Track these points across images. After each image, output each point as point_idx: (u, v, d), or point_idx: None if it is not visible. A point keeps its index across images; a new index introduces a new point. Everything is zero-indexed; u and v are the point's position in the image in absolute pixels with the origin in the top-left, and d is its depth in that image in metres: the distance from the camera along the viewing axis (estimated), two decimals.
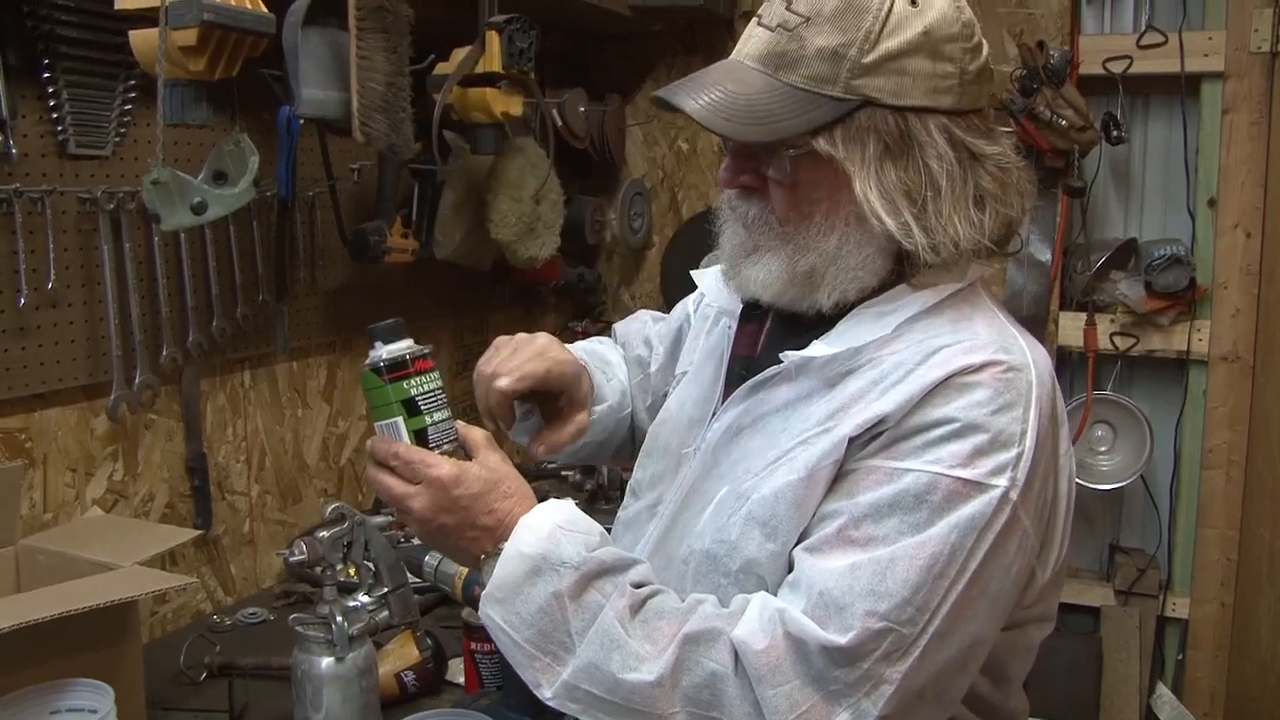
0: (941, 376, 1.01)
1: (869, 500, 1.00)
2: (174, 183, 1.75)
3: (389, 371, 1.12)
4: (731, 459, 1.16)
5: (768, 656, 0.97)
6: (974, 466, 0.99)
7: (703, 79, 1.09)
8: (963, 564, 0.97)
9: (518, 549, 1.07)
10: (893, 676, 0.96)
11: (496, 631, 1.07)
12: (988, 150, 1.07)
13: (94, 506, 1.87)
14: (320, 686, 1.56)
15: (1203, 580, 2.88)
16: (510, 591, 1.06)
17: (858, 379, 1.07)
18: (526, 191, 2.38)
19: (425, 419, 1.13)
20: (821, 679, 0.96)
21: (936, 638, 0.97)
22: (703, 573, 1.12)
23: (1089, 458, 2.92)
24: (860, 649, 0.96)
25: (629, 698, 1.01)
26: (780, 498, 1.06)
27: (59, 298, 1.77)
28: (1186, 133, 2.78)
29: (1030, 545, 1.04)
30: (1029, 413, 1.01)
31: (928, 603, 0.97)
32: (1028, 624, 1.14)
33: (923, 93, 1.04)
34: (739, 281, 1.16)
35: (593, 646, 1.03)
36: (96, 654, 1.41)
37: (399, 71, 1.96)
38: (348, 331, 2.41)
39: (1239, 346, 2.77)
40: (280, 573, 2.25)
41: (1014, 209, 1.10)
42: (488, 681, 1.72)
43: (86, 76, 1.76)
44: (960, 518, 0.98)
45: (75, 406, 1.84)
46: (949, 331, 1.07)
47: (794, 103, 1.04)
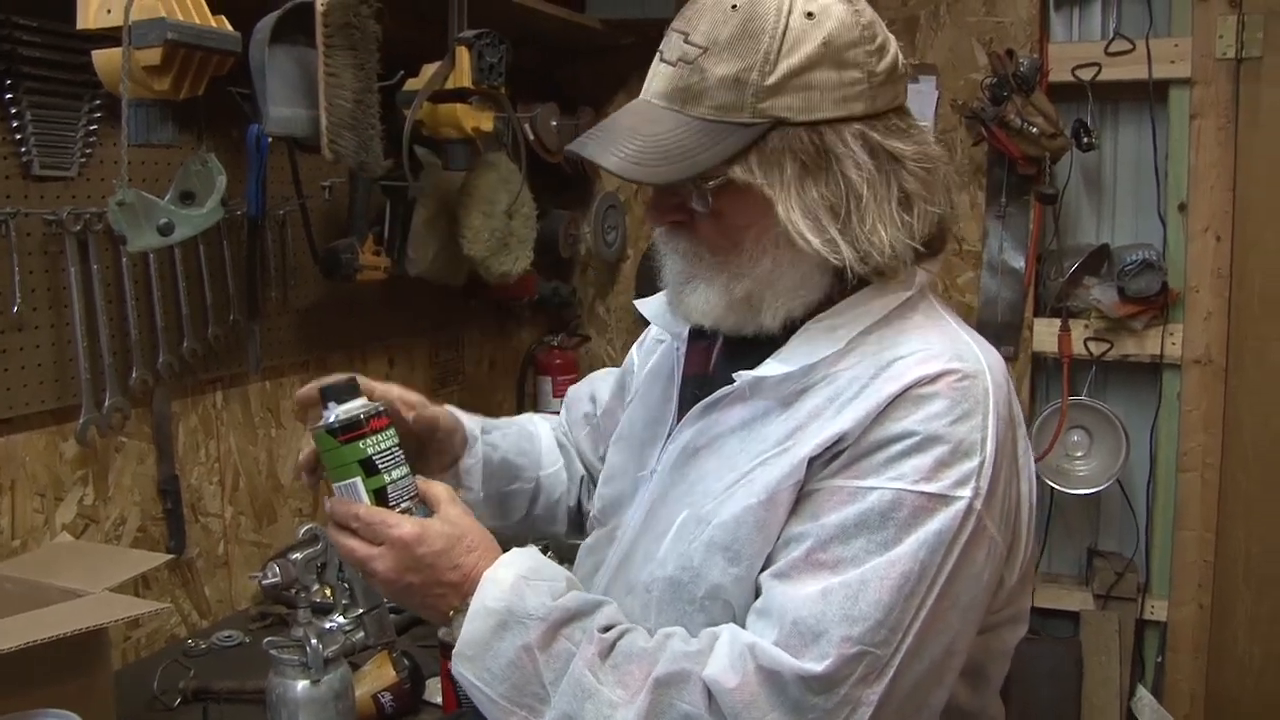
0: (898, 390, 1.01)
1: (835, 521, 1.00)
2: (140, 204, 1.73)
3: (344, 432, 1.11)
4: (688, 481, 1.15)
5: (741, 694, 0.96)
6: (937, 480, 0.98)
7: (613, 127, 1.09)
8: (933, 579, 0.97)
9: (483, 604, 1.06)
10: (870, 698, 0.96)
11: (471, 689, 1.07)
12: (908, 150, 1.07)
13: (64, 532, 1.84)
14: (296, 710, 1.54)
15: (1180, 583, 2.89)
16: (480, 649, 1.05)
17: (814, 396, 1.07)
18: (499, 207, 2.37)
19: (384, 477, 1.12)
20: (799, 708, 0.95)
21: (910, 655, 0.97)
22: (667, 600, 1.11)
23: (1065, 463, 2.92)
24: (837, 675, 0.95)
25: None
26: (741, 522, 1.05)
27: (25, 320, 1.75)
28: (1156, 138, 2.80)
29: (998, 552, 1.03)
30: (987, 419, 1.01)
31: (900, 622, 0.96)
32: (1000, 627, 1.14)
33: (832, 103, 1.03)
34: (683, 310, 1.16)
35: (565, 697, 1.01)
36: (67, 683, 1.39)
37: (368, 88, 1.95)
38: (321, 350, 2.40)
39: (1211, 350, 2.78)
40: (255, 595, 2.23)
41: (941, 205, 1.10)
42: (465, 702, 1.71)
43: (50, 97, 1.74)
44: (927, 533, 0.97)
45: (44, 430, 1.81)
46: (901, 342, 1.07)
47: (705, 135, 1.03)
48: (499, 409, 3.09)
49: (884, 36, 1.09)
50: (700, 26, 1.05)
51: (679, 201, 1.11)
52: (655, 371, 1.33)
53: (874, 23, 1.09)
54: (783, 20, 1.03)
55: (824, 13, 1.04)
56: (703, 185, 1.06)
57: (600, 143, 1.08)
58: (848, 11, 1.07)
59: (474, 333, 2.97)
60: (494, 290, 2.73)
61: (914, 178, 1.07)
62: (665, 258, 1.17)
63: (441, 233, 2.40)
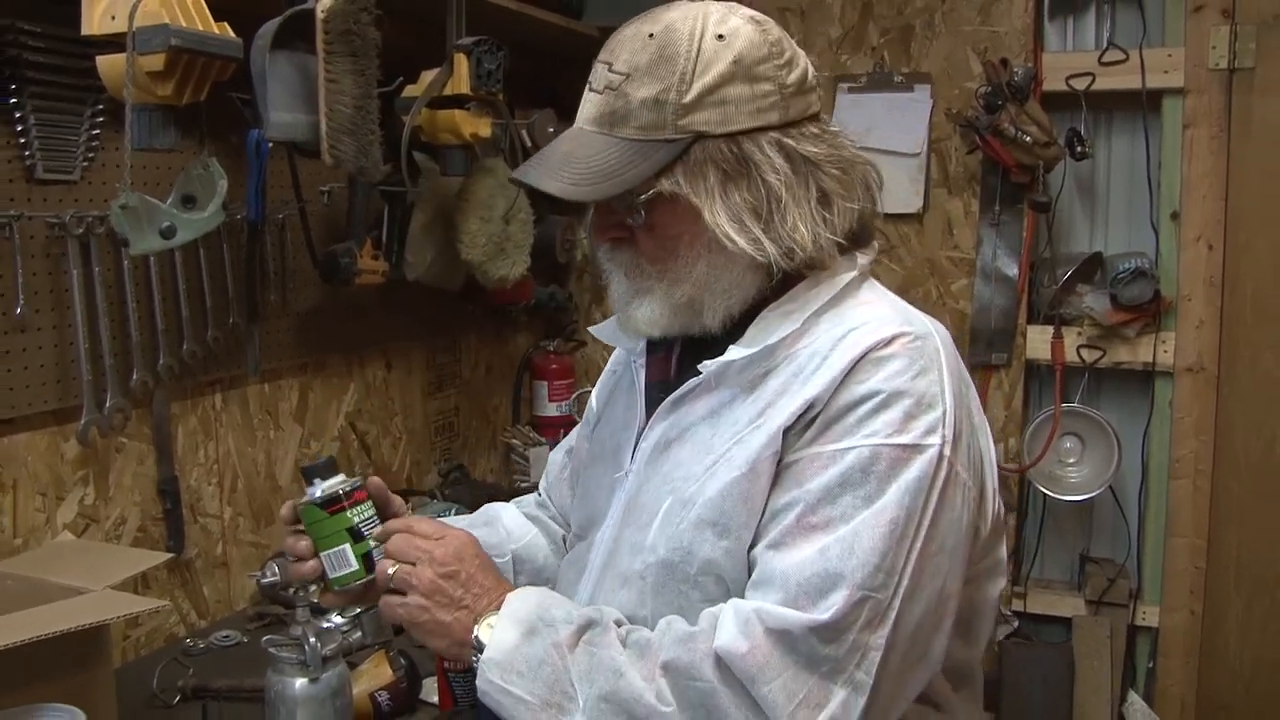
0: (857, 355, 1.09)
1: (819, 485, 1.06)
2: (142, 207, 1.75)
3: (330, 505, 1.21)
4: (664, 472, 1.20)
5: (754, 657, 1.01)
6: (908, 431, 1.06)
7: (550, 154, 1.18)
8: (919, 523, 1.04)
9: (512, 613, 1.13)
10: (877, 642, 1.01)
11: (498, 694, 1.10)
12: (823, 153, 1.14)
13: (65, 531, 1.86)
14: (294, 708, 1.55)
15: (1172, 589, 2.90)
16: (510, 653, 1.10)
17: (777, 376, 1.14)
18: (496, 212, 2.39)
19: (369, 543, 1.22)
20: (812, 660, 1.01)
21: (908, 598, 1.03)
22: (662, 583, 1.15)
23: (1058, 469, 2.94)
24: (843, 622, 1.01)
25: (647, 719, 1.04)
26: (726, 495, 1.11)
27: (28, 322, 1.77)
28: (1149, 148, 2.82)
29: (971, 495, 1.10)
30: (943, 374, 1.10)
31: (895, 565, 1.03)
32: (981, 579, 1.20)
33: (747, 115, 1.12)
34: (631, 325, 1.23)
35: (600, 681, 1.06)
36: (68, 679, 1.41)
37: (367, 94, 1.97)
38: (319, 353, 2.42)
39: (1203, 357, 2.80)
40: (254, 595, 2.25)
41: (860, 200, 1.17)
42: (461, 700, 1.72)
43: (54, 102, 1.77)
44: (907, 481, 1.04)
45: (45, 431, 1.83)
46: (852, 317, 1.14)
47: (633, 154, 1.12)
48: (495, 413, 3.11)
49: (792, 52, 1.17)
50: (622, 55, 1.14)
51: (617, 219, 1.18)
52: (616, 389, 1.41)
53: (781, 40, 1.16)
54: (695, 44, 1.11)
55: (733, 34, 1.13)
56: (635, 199, 1.13)
57: (540, 170, 1.16)
58: (756, 31, 1.15)
59: (471, 337, 2.98)
60: (491, 295, 2.75)
61: (830, 178, 1.15)
62: (610, 277, 1.25)
63: (439, 238, 2.42)
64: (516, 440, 3.05)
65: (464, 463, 2.91)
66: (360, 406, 2.56)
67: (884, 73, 2.96)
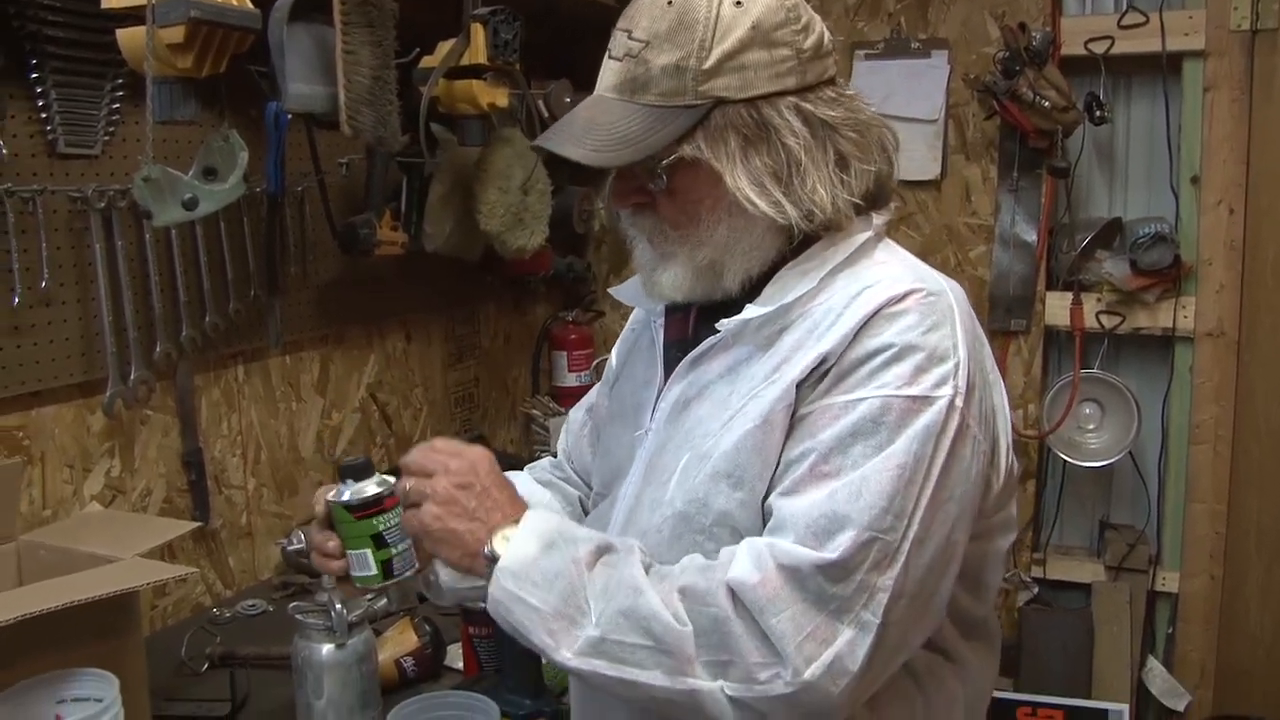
0: (871, 310, 1.10)
1: (831, 435, 1.07)
2: (165, 179, 1.76)
3: (359, 509, 1.21)
4: (684, 429, 1.21)
5: (764, 588, 1.03)
6: (919, 383, 1.07)
7: (572, 121, 1.19)
8: (927, 470, 1.05)
9: (533, 527, 1.13)
10: (885, 584, 1.02)
11: (510, 602, 1.10)
12: (840, 116, 1.16)
13: (92, 502, 1.88)
14: (321, 673, 1.58)
15: (1192, 554, 2.90)
16: (526, 564, 1.10)
17: (792, 333, 1.16)
18: (514, 182, 2.39)
19: (391, 550, 1.22)
20: (820, 598, 1.02)
21: (916, 543, 1.04)
22: (677, 535, 1.17)
23: (1077, 435, 2.94)
24: (850, 561, 1.02)
25: (662, 638, 1.05)
26: (740, 448, 1.13)
27: (52, 296, 1.78)
28: (1169, 111, 2.80)
29: (982, 450, 1.11)
30: (955, 329, 1.11)
31: (904, 509, 1.04)
32: (993, 532, 1.21)
33: (766, 80, 1.13)
34: (656, 291, 1.24)
35: (620, 597, 1.07)
36: (100, 645, 1.43)
37: (385, 65, 1.97)
38: (339, 324, 2.43)
39: (1224, 322, 2.79)
40: (278, 565, 2.27)
41: (877, 163, 1.19)
42: (486, 665, 1.75)
43: (75, 76, 1.78)
44: (916, 429, 1.05)
45: (71, 404, 1.85)
46: (867, 275, 1.16)
47: (654, 120, 1.13)
48: (515, 383, 3.12)
49: (809, 17, 1.18)
50: (641, 23, 1.15)
51: (638, 185, 1.19)
52: (637, 349, 1.41)
53: (797, 5, 1.17)
54: (713, 10, 1.13)
55: (752, 0, 1.14)
56: (657, 165, 1.14)
57: (562, 137, 1.17)
58: None
59: (490, 308, 2.99)
60: (509, 265, 2.75)
61: (847, 141, 1.16)
62: (635, 244, 1.26)
63: (457, 208, 2.43)
64: (536, 410, 3.06)
65: (484, 433, 2.93)
66: (381, 378, 2.58)
67: (901, 39, 2.95)
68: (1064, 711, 2.77)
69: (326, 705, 1.59)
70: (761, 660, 1.02)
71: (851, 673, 1.02)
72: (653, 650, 1.05)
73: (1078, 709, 2.77)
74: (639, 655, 1.06)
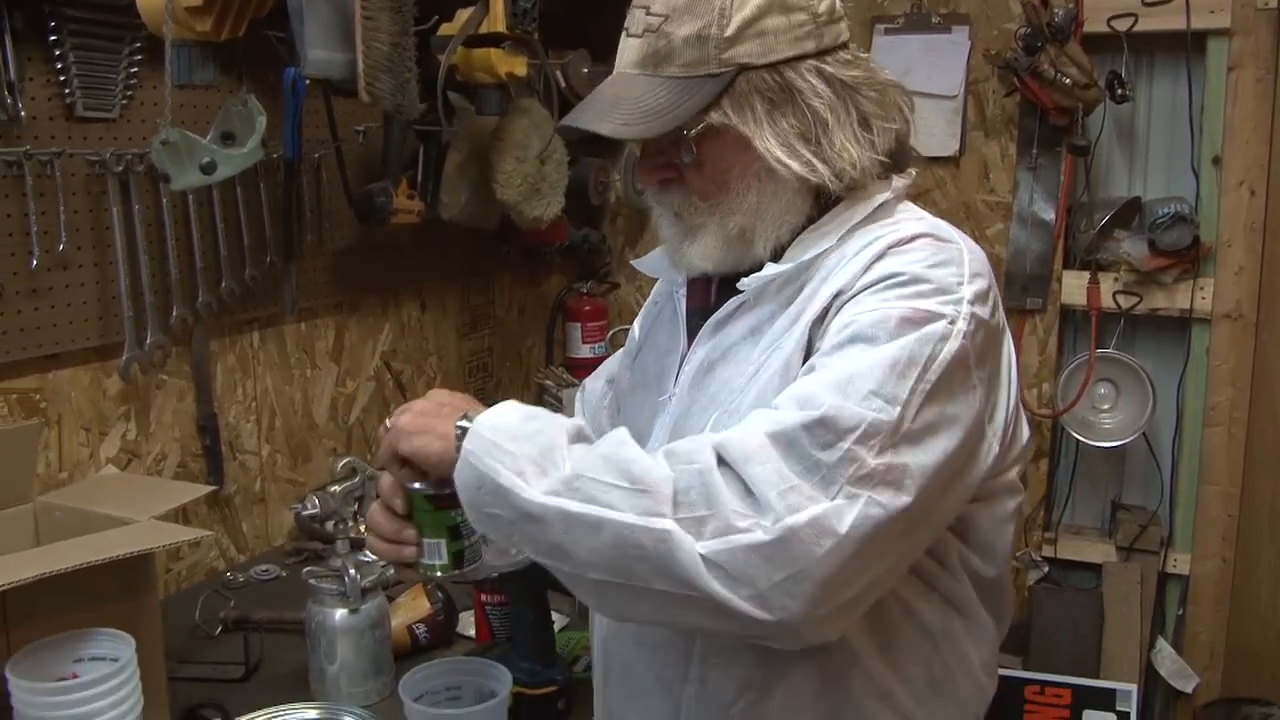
0: (881, 249, 1.12)
1: (831, 344, 1.08)
2: (183, 143, 1.76)
3: (439, 501, 1.20)
4: (710, 392, 1.22)
5: (750, 441, 1.00)
6: (919, 301, 1.07)
7: (597, 99, 1.20)
8: (922, 371, 1.03)
9: (512, 404, 1.11)
10: (873, 463, 0.98)
11: (484, 450, 1.05)
12: (860, 77, 1.18)
13: (108, 465, 1.89)
14: (334, 638, 1.59)
15: (1204, 536, 2.90)
16: (505, 418, 1.08)
17: (810, 286, 1.17)
18: (531, 152, 2.38)
19: (464, 543, 1.23)
20: (805, 461, 0.98)
21: (910, 438, 1.01)
22: None
23: (1091, 415, 2.93)
24: (836, 424, 0.99)
25: (641, 479, 1.00)
26: (763, 396, 1.13)
27: (70, 259, 1.79)
28: (1191, 90, 2.77)
29: (979, 395, 1.09)
30: (964, 270, 1.11)
31: (895, 395, 1.01)
32: (1001, 494, 1.21)
33: (787, 45, 1.14)
34: (686, 263, 1.25)
35: (603, 445, 1.05)
36: (116, 605, 1.44)
37: (404, 32, 1.96)
38: (355, 292, 2.43)
39: (1242, 304, 2.77)
40: (292, 530, 2.29)
41: (897, 122, 1.21)
42: (498, 632, 1.76)
43: (93, 39, 1.78)
44: (914, 334, 1.04)
45: (88, 367, 1.86)
46: (882, 230, 1.17)
47: (679, 91, 1.14)
48: (529, 354, 3.13)
49: None
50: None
51: (665, 159, 1.21)
52: (660, 319, 1.42)
53: None
54: None
55: None
56: (686, 135, 1.15)
57: (590, 114, 1.18)
58: None
59: (505, 278, 2.99)
60: (525, 236, 2.75)
61: (868, 100, 1.18)
62: (662, 218, 1.27)
63: (474, 177, 2.42)
64: (550, 381, 3.06)
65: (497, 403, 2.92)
66: (395, 346, 2.58)
67: (922, 13, 2.92)
68: (1072, 691, 2.77)
69: (339, 669, 1.60)
70: (742, 509, 0.97)
71: (837, 534, 0.96)
72: (629, 491, 0.99)
73: (1086, 688, 2.77)
74: (613, 496, 1.00)
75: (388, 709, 1.57)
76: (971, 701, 1.26)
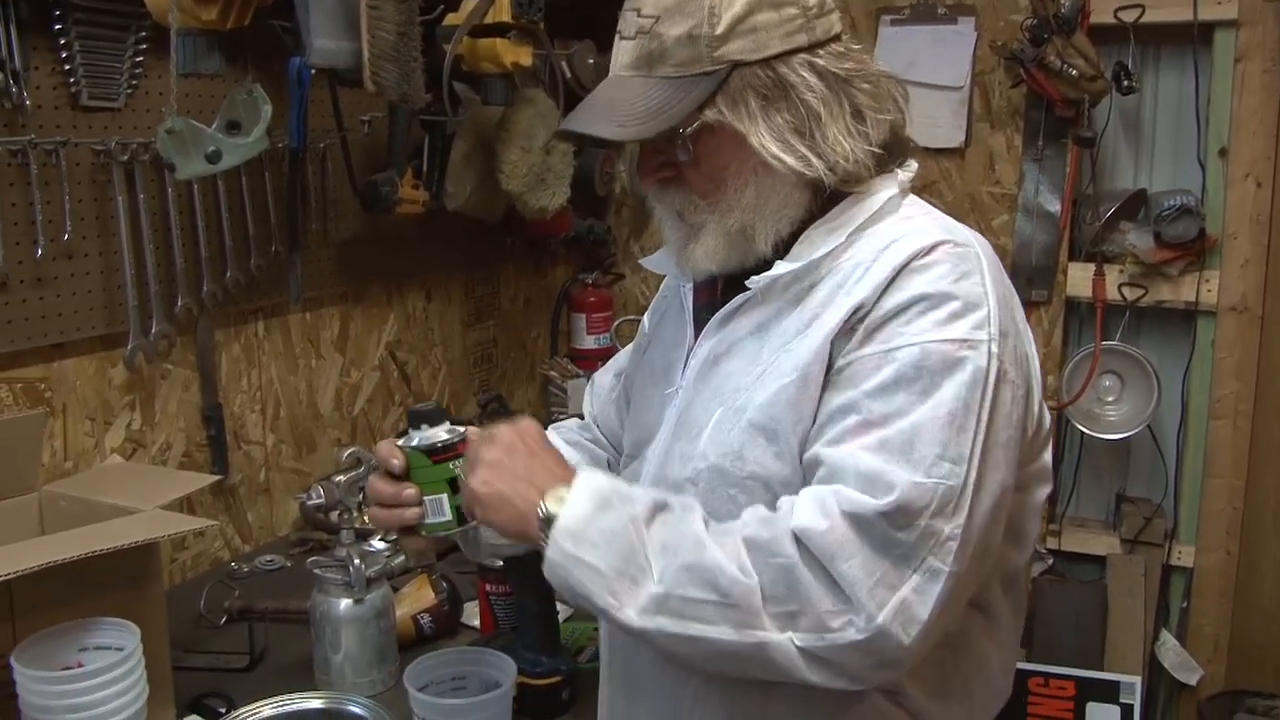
0: (901, 262, 1.12)
1: (874, 385, 1.08)
2: (189, 132, 1.76)
3: (435, 454, 1.22)
4: (714, 385, 1.22)
5: (833, 534, 1.03)
6: (954, 328, 1.08)
7: (593, 103, 1.21)
8: (977, 415, 1.06)
9: (585, 486, 1.12)
10: (953, 531, 1.03)
11: (570, 564, 1.09)
12: (852, 70, 1.18)
13: (113, 455, 1.89)
14: (339, 627, 1.59)
15: (1208, 529, 2.90)
16: (583, 523, 1.09)
17: (822, 288, 1.17)
18: (537, 142, 2.38)
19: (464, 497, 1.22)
20: (886, 544, 1.02)
21: (975, 488, 1.05)
22: (711, 487, 1.18)
23: (1096, 408, 2.93)
24: (911, 507, 1.02)
25: (729, 591, 1.04)
26: (775, 402, 1.14)
27: (75, 248, 1.79)
28: (1198, 82, 2.77)
29: (1020, 393, 1.12)
30: (984, 278, 1.12)
31: (959, 455, 1.04)
32: (1031, 483, 1.22)
33: (778, 40, 1.15)
34: (690, 265, 1.24)
35: (684, 551, 1.07)
36: (121, 595, 1.44)
37: (409, 21, 1.96)
38: (360, 283, 2.43)
39: (1248, 297, 2.77)
40: (296, 521, 2.29)
41: (891, 112, 1.21)
42: (503, 623, 1.76)
43: (98, 28, 1.77)
44: (961, 375, 1.07)
45: (93, 356, 1.86)
46: (895, 230, 1.17)
47: (674, 91, 1.15)
48: (533, 345, 3.13)
49: None
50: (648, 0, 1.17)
51: (663, 159, 1.21)
52: (667, 314, 1.42)
53: None
54: None
55: None
56: (682, 134, 1.16)
57: (587, 116, 1.19)
58: None
59: (509, 269, 2.99)
60: (530, 227, 2.75)
61: (862, 93, 1.18)
62: (665, 220, 1.27)
63: (479, 167, 2.42)
64: (554, 372, 3.06)
65: (502, 393, 2.93)
66: (400, 336, 2.58)
67: (928, 5, 2.91)
68: (1076, 682, 2.77)
69: (343, 659, 1.60)
70: (833, 608, 1.02)
71: (921, 620, 1.02)
72: (719, 605, 1.04)
73: (1090, 680, 2.78)
74: (705, 610, 1.04)
75: (392, 699, 1.57)
76: (985, 703, 1.27)
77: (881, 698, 1.16)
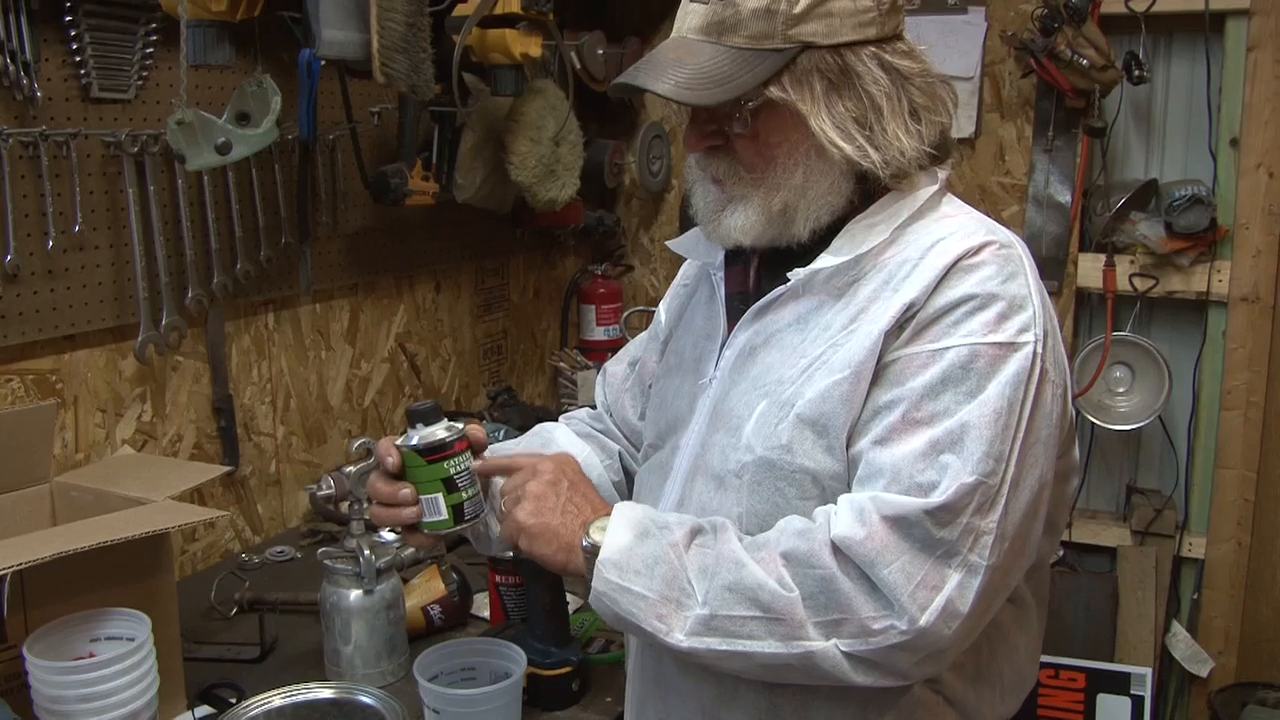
0: (949, 262, 1.13)
1: (921, 383, 1.10)
2: (199, 123, 1.76)
3: (429, 453, 1.23)
4: (752, 376, 1.23)
5: (872, 542, 1.05)
6: (1002, 330, 1.10)
7: (658, 59, 1.20)
8: (1019, 414, 1.09)
9: (623, 517, 1.16)
10: (989, 527, 1.06)
11: (616, 593, 1.12)
12: (914, 69, 1.19)
13: (124, 446, 1.90)
14: (349, 618, 1.60)
15: (1219, 521, 2.89)
16: (624, 551, 1.13)
17: (867, 284, 1.18)
18: (546, 133, 2.38)
19: (462, 495, 1.25)
20: (928, 544, 1.05)
21: (1014, 485, 1.08)
22: (759, 481, 1.19)
23: (1107, 399, 2.92)
24: (956, 504, 1.05)
25: (771, 605, 1.07)
26: (827, 398, 1.14)
27: (86, 240, 1.79)
28: (1209, 72, 2.75)
29: (1059, 392, 1.15)
30: (1028, 279, 1.15)
31: (1002, 453, 1.07)
32: (1062, 475, 1.24)
33: (851, 29, 1.15)
34: (720, 234, 1.24)
35: (723, 572, 1.10)
36: (132, 586, 1.45)
37: (419, 12, 1.96)
38: (370, 274, 2.43)
39: (1259, 288, 2.76)
40: (306, 512, 2.29)
41: (944, 116, 1.22)
42: (512, 614, 1.76)
43: (108, 20, 1.77)
44: (1006, 375, 1.09)
45: (104, 348, 1.87)
46: (938, 228, 1.19)
47: (742, 62, 1.15)
48: (543, 336, 3.13)
49: None
50: None
51: (716, 127, 1.21)
52: (694, 303, 1.42)
53: None
54: None
55: None
56: (744, 106, 1.16)
57: (649, 73, 1.18)
58: None
59: (519, 260, 2.99)
60: (539, 218, 2.75)
61: (920, 92, 1.19)
62: (696, 185, 1.27)
63: (489, 159, 2.42)
64: (564, 364, 3.06)
65: (512, 385, 2.93)
66: (410, 328, 2.58)
67: None
68: (1087, 674, 2.77)
69: (353, 650, 1.61)
70: (875, 613, 1.05)
71: (963, 615, 1.05)
72: (764, 620, 1.07)
73: (1101, 672, 2.78)
74: (750, 627, 1.08)
75: (402, 689, 1.57)
76: (1016, 688, 1.29)
77: (918, 685, 1.17)
